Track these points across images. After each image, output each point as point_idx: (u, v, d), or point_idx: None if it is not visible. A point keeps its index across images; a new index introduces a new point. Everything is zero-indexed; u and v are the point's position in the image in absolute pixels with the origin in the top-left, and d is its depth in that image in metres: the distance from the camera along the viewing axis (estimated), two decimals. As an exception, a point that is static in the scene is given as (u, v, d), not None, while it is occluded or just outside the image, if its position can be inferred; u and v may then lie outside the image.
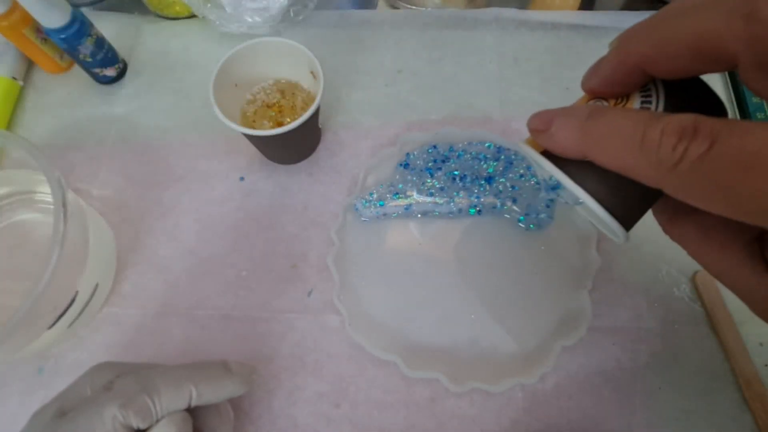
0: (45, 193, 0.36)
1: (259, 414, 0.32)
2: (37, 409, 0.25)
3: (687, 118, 0.14)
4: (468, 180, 0.36)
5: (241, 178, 0.39)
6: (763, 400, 0.30)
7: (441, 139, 0.37)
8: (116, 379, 0.24)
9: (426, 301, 0.34)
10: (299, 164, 0.39)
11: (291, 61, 0.35)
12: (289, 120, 0.35)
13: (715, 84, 0.40)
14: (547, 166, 0.18)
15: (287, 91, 0.37)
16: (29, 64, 0.44)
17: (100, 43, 0.39)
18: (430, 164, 0.37)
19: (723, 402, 0.31)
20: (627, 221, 0.19)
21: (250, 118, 0.36)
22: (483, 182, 0.36)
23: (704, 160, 0.13)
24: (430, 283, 0.34)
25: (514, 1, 0.45)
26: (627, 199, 0.18)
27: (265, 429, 0.32)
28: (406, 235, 0.36)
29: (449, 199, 0.36)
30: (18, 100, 0.43)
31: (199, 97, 0.42)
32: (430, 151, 0.37)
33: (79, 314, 0.32)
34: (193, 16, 0.45)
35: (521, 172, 0.36)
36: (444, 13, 0.44)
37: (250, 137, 0.33)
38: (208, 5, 0.42)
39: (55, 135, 0.41)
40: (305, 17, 0.44)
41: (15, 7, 0.37)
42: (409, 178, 0.36)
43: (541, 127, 0.18)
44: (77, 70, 0.43)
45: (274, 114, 0.36)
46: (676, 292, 0.34)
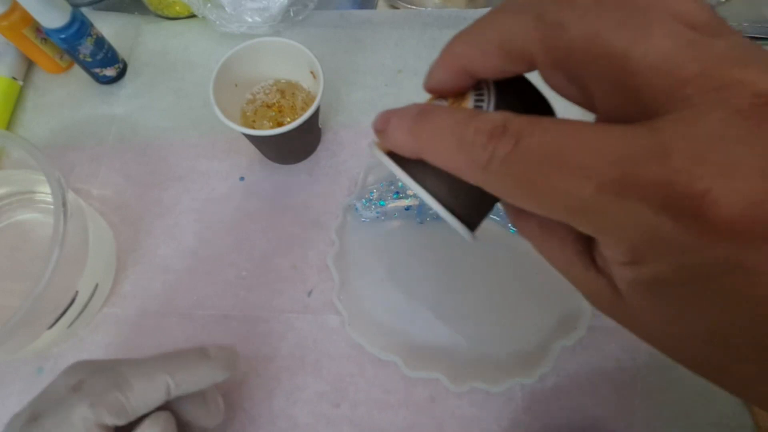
0: (45, 193, 0.36)
1: (259, 414, 0.32)
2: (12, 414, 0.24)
3: (498, 116, 0.14)
4: None
5: (241, 178, 0.39)
6: (763, 400, 0.30)
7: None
8: (87, 377, 0.23)
9: (426, 301, 0.34)
10: (299, 164, 0.39)
11: (291, 61, 0.35)
12: (289, 120, 0.35)
13: None
14: (390, 166, 0.18)
15: (287, 91, 0.37)
16: (29, 64, 0.44)
17: (100, 43, 0.39)
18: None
19: (723, 402, 0.31)
20: (470, 220, 0.19)
21: (250, 118, 0.36)
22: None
23: (510, 158, 0.14)
24: (430, 283, 0.34)
25: (514, 1, 0.45)
26: (468, 198, 0.19)
27: (265, 429, 0.32)
28: (407, 235, 0.36)
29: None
30: (18, 100, 0.43)
31: (199, 97, 0.42)
32: None
33: (79, 314, 0.32)
34: (193, 16, 0.45)
35: None
36: (444, 13, 0.44)
37: (250, 137, 0.33)
38: (208, 5, 0.42)
39: (55, 135, 0.41)
40: (305, 17, 0.44)
41: (15, 7, 0.37)
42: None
43: (380, 127, 0.18)
44: (77, 70, 0.43)
45: (274, 114, 0.36)
46: (676, 292, 0.34)
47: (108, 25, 0.42)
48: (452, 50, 0.18)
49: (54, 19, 0.35)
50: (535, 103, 0.19)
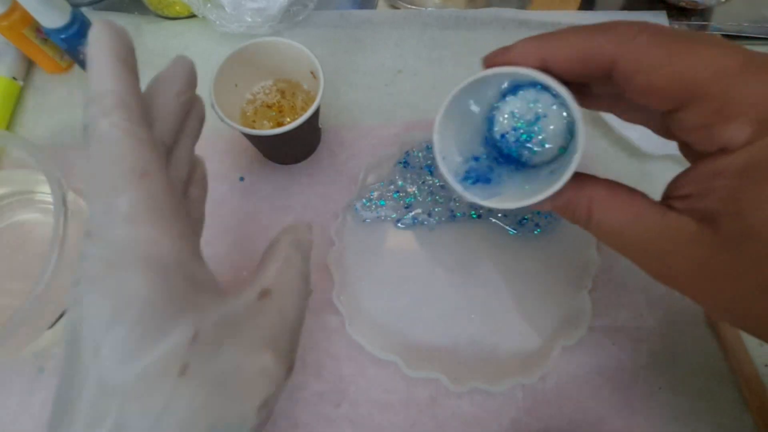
0: (45, 193, 0.36)
1: (259, 414, 0.32)
2: None
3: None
4: None
5: (241, 178, 0.39)
6: (763, 400, 0.30)
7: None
8: None
9: (426, 301, 0.34)
10: (299, 164, 0.39)
11: (291, 62, 0.35)
12: (289, 120, 0.35)
13: None
14: (515, 70, 0.22)
15: (287, 91, 0.37)
16: (29, 64, 0.44)
17: (100, 43, 0.39)
18: (430, 162, 0.37)
19: (723, 402, 0.31)
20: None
21: (250, 118, 0.36)
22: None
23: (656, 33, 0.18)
24: (430, 282, 0.34)
25: (514, 1, 0.45)
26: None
27: (265, 429, 0.32)
28: (407, 235, 0.36)
29: (450, 199, 0.36)
30: (18, 100, 0.43)
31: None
32: (430, 148, 0.37)
33: (79, 314, 0.32)
34: (193, 16, 0.45)
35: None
36: (444, 13, 0.44)
37: (250, 137, 0.33)
38: (208, 5, 0.42)
39: (55, 135, 0.41)
40: (305, 17, 0.44)
41: (15, 7, 0.37)
42: (409, 176, 0.36)
43: (497, 52, 0.23)
44: (77, 70, 0.43)
45: (274, 114, 0.36)
46: (676, 292, 0.34)
47: (108, 25, 0.42)
48: (542, 41, 0.21)
49: (54, 19, 0.35)
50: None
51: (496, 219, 0.35)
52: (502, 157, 0.25)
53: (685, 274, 0.19)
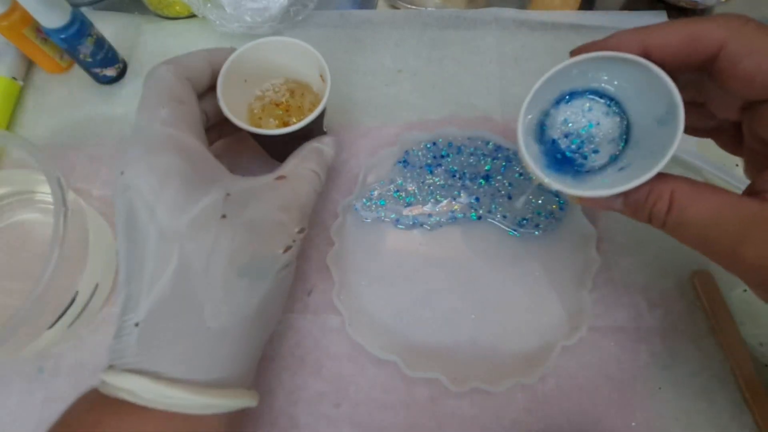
0: (45, 193, 0.36)
1: (259, 414, 0.32)
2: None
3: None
4: (467, 177, 0.36)
5: (241, 178, 0.39)
6: (763, 400, 0.30)
7: (441, 140, 0.37)
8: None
9: (426, 301, 0.34)
10: (299, 164, 0.39)
11: (302, 62, 0.34)
12: (295, 120, 0.35)
13: None
14: (601, 54, 0.23)
15: (297, 91, 0.36)
16: (29, 64, 0.44)
17: (100, 43, 0.39)
18: (429, 161, 0.37)
19: (723, 402, 0.31)
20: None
21: (257, 115, 0.36)
22: (482, 180, 0.36)
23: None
24: (430, 283, 0.34)
25: (514, 1, 0.45)
26: None
27: (266, 429, 0.32)
28: (407, 235, 0.36)
29: (451, 199, 0.36)
30: (18, 100, 0.43)
31: (199, 97, 0.42)
32: (429, 147, 0.37)
33: (79, 314, 0.32)
34: (193, 16, 0.45)
35: (519, 170, 0.36)
36: (444, 13, 0.44)
37: (255, 135, 0.33)
38: (208, 5, 0.42)
39: (55, 135, 0.41)
40: (305, 17, 0.44)
41: (15, 7, 0.37)
42: (409, 175, 0.36)
43: (594, 42, 0.24)
44: (77, 70, 0.43)
45: (281, 113, 0.36)
46: (676, 292, 0.34)
47: (108, 25, 0.42)
48: (645, 29, 0.23)
49: (54, 19, 0.35)
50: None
51: (496, 220, 0.35)
52: (552, 163, 0.26)
53: None
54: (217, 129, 0.34)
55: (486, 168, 0.36)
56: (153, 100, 0.27)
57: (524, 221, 0.35)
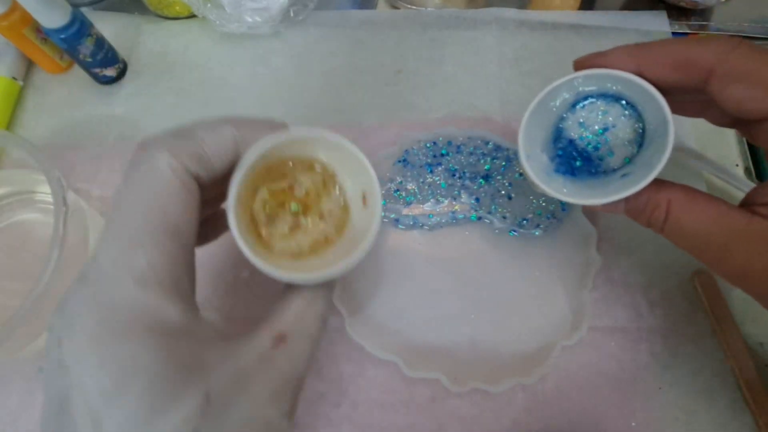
0: (45, 193, 0.36)
1: (259, 414, 0.32)
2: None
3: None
4: (467, 177, 0.36)
5: (241, 178, 0.39)
6: (763, 400, 0.30)
7: (441, 139, 0.37)
8: (154, 139, 0.21)
9: (426, 301, 0.34)
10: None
11: (346, 168, 0.24)
12: (310, 225, 0.24)
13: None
14: (618, 73, 0.23)
15: (322, 185, 0.25)
16: (29, 64, 0.44)
17: (100, 43, 0.39)
18: (429, 160, 0.37)
19: (723, 402, 0.31)
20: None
21: (266, 208, 0.24)
22: (482, 180, 0.36)
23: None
24: (430, 283, 0.34)
25: (514, 1, 0.45)
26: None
27: (265, 429, 0.32)
28: (406, 235, 0.36)
29: (451, 199, 0.36)
30: (18, 100, 0.43)
31: (199, 97, 0.42)
32: (429, 147, 0.37)
33: (79, 314, 0.32)
34: (193, 16, 0.45)
35: (519, 170, 0.36)
36: (444, 13, 0.44)
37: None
38: (208, 5, 0.42)
39: (55, 135, 0.41)
40: (305, 17, 0.44)
41: (15, 7, 0.37)
42: (409, 174, 0.36)
43: (593, 56, 0.24)
44: (77, 70, 0.43)
45: (295, 209, 0.24)
46: (676, 292, 0.34)
47: (108, 25, 0.42)
48: (639, 48, 0.23)
49: (54, 19, 0.35)
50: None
51: (497, 220, 0.35)
52: (563, 166, 0.27)
53: None
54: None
55: (486, 168, 0.36)
56: (130, 228, 0.18)
57: (524, 221, 0.35)
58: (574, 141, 0.26)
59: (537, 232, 0.35)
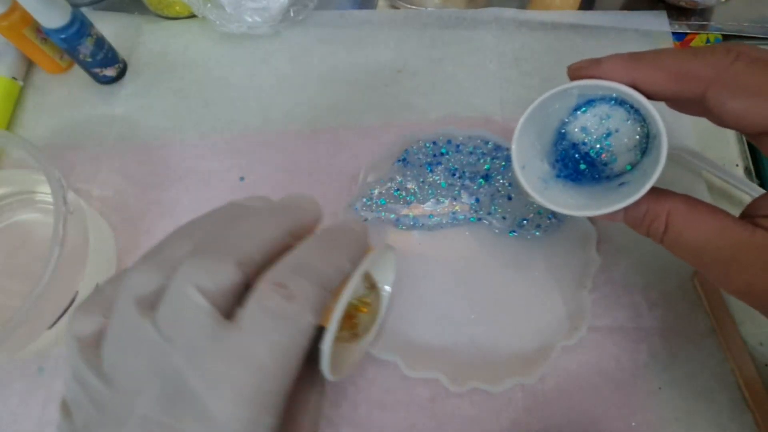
0: (45, 193, 0.36)
1: (259, 414, 0.32)
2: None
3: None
4: (467, 177, 0.36)
5: (241, 178, 0.39)
6: (763, 400, 0.30)
7: (441, 138, 0.37)
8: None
9: (426, 301, 0.34)
10: (299, 164, 0.39)
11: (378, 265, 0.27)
12: (359, 333, 0.28)
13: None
14: (612, 85, 0.23)
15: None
16: (29, 64, 0.44)
17: (100, 43, 0.39)
18: (429, 159, 0.37)
19: (723, 402, 0.31)
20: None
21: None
22: (481, 180, 0.36)
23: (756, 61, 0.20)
24: (430, 283, 0.34)
25: (514, 1, 0.45)
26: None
27: (265, 429, 0.32)
28: (406, 236, 0.36)
29: (452, 199, 0.36)
30: (18, 100, 0.43)
31: (199, 97, 0.42)
32: (428, 146, 0.37)
33: (79, 314, 0.32)
34: (193, 16, 0.45)
35: None
36: (444, 13, 0.44)
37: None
38: (208, 5, 0.42)
39: (55, 135, 0.41)
40: (305, 17, 0.44)
41: (15, 7, 0.37)
42: (409, 173, 0.36)
43: (584, 65, 0.23)
44: (77, 70, 0.43)
45: (356, 322, 0.29)
46: (676, 292, 0.34)
47: (108, 25, 0.42)
48: (635, 60, 0.22)
49: (54, 19, 0.35)
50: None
51: (497, 221, 0.35)
52: (565, 171, 0.26)
53: None
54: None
55: (485, 167, 0.36)
56: (265, 391, 0.16)
57: (524, 222, 0.35)
58: (577, 145, 0.26)
59: (537, 233, 0.35)
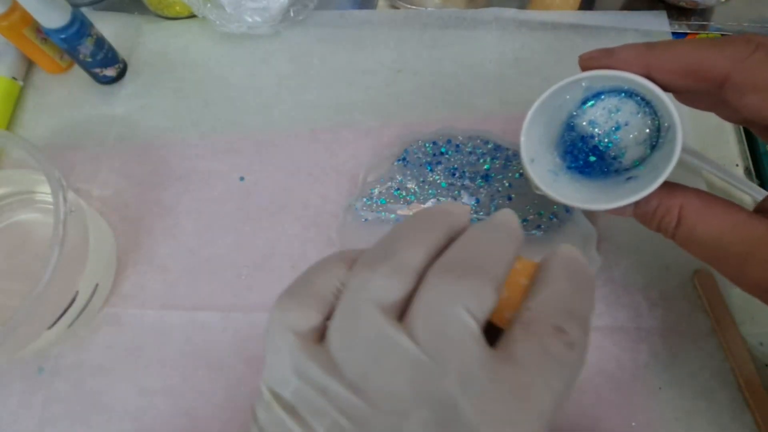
0: (45, 193, 0.36)
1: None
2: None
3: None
4: (467, 177, 0.36)
5: (241, 178, 0.39)
6: (763, 400, 0.30)
7: (441, 138, 0.37)
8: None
9: (426, 301, 0.34)
10: (299, 164, 0.39)
11: None
12: None
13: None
14: (625, 75, 0.22)
15: None
16: (29, 64, 0.44)
17: (100, 43, 0.39)
18: (429, 159, 0.37)
19: (723, 402, 0.31)
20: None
21: None
22: (481, 180, 0.36)
23: None
24: (430, 283, 0.34)
25: (514, 1, 0.45)
26: None
27: (265, 429, 0.31)
28: (406, 235, 0.36)
29: (452, 199, 0.36)
30: (18, 100, 0.43)
31: (199, 96, 0.42)
32: (428, 146, 0.37)
33: (79, 314, 0.32)
34: (193, 16, 0.45)
35: (519, 171, 0.36)
36: (444, 13, 0.44)
37: None
38: (208, 5, 0.42)
39: (55, 135, 0.41)
40: (305, 17, 0.44)
41: (15, 7, 0.37)
42: (409, 173, 0.36)
43: (597, 55, 0.23)
44: (77, 70, 0.43)
45: None
46: (676, 292, 0.34)
47: (108, 25, 0.42)
48: (649, 50, 0.22)
49: (54, 19, 0.35)
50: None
51: None
52: (575, 162, 0.26)
53: None
54: None
55: (485, 167, 0.36)
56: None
57: (525, 222, 0.35)
58: (586, 138, 0.25)
59: (537, 233, 0.35)
